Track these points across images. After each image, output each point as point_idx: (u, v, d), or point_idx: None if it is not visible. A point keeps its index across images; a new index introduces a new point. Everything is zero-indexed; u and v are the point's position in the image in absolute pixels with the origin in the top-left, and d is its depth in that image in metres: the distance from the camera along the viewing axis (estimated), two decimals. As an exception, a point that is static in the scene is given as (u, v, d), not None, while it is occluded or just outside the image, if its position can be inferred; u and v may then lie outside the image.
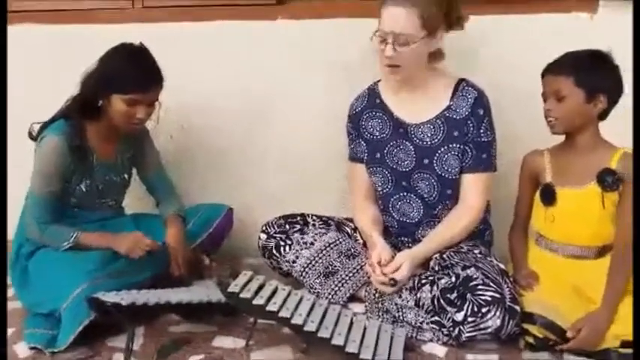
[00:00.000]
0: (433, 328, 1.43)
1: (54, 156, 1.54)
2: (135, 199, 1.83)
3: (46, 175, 1.55)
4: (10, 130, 1.60)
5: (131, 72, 1.51)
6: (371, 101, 1.63)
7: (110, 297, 1.41)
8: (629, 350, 1.33)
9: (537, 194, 1.51)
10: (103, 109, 1.56)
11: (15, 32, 1.82)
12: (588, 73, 1.39)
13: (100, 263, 1.52)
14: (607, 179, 1.42)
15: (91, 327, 1.41)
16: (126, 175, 1.71)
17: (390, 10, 1.44)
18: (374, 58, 1.53)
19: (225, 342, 1.45)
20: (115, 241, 1.55)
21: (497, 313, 1.35)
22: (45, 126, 1.58)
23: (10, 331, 1.49)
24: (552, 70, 1.43)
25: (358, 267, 1.58)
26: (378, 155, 1.62)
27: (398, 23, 1.43)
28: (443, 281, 1.44)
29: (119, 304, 1.40)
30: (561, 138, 1.50)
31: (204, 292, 1.52)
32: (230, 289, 1.38)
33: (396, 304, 1.48)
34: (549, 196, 1.47)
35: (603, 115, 1.45)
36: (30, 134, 1.60)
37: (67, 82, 1.57)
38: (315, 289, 1.59)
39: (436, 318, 1.42)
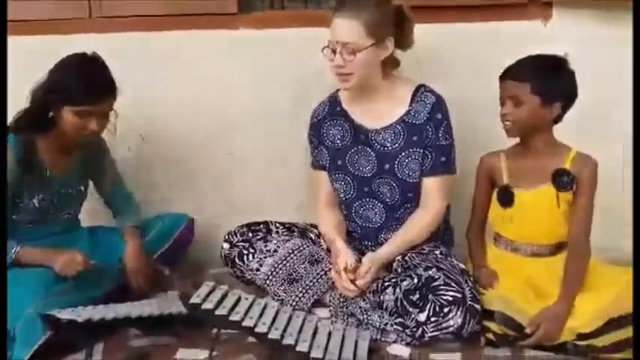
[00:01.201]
0: (397, 329, 1.44)
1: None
2: (92, 211, 1.78)
3: None
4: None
5: (81, 83, 1.48)
6: (332, 109, 1.65)
7: (66, 314, 1.38)
8: (584, 342, 1.37)
9: (495, 196, 1.54)
10: (54, 121, 1.52)
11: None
12: (545, 80, 1.43)
13: (55, 279, 1.47)
14: (561, 180, 1.47)
15: (47, 345, 1.36)
16: (82, 187, 1.67)
17: (337, 21, 1.49)
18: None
19: (188, 354, 1.42)
20: (52, 258, 1.50)
21: (459, 313, 1.38)
22: None
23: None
24: (510, 75, 1.47)
25: (322, 272, 1.58)
26: (340, 162, 1.63)
27: (344, 33, 1.48)
28: (405, 283, 1.45)
29: (75, 320, 1.36)
30: (517, 140, 1.54)
31: (164, 304, 1.50)
32: (192, 301, 1.36)
33: (360, 308, 1.48)
34: (507, 198, 1.51)
35: (558, 119, 1.49)
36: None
37: (21, 94, 1.52)
38: (280, 296, 1.58)
39: (400, 319, 1.43)
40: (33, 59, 1.80)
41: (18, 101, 1.54)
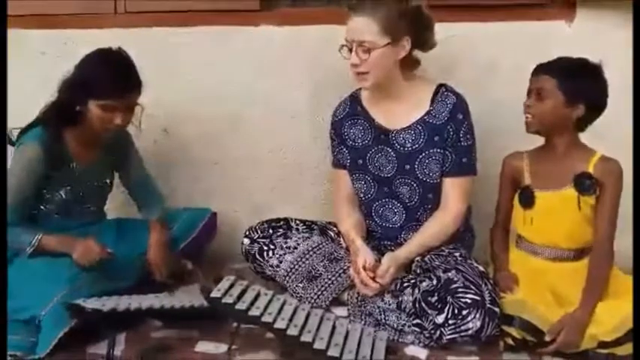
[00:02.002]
0: (414, 330, 1.44)
1: (29, 163, 1.53)
2: (120, 204, 1.82)
3: (19, 180, 1.53)
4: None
5: (106, 77, 1.50)
6: (352, 108, 1.65)
7: (91, 303, 1.41)
8: (606, 350, 1.36)
9: (516, 197, 1.53)
10: (81, 114, 1.55)
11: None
12: (573, 79, 1.42)
13: (80, 269, 1.50)
14: (584, 183, 1.45)
15: (71, 334, 1.40)
16: (107, 180, 1.70)
17: (352, 20, 1.49)
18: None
19: (207, 347, 1.45)
20: (71, 247, 1.52)
21: (477, 316, 1.37)
22: (22, 132, 1.57)
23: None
24: (541, 70, 1.46)
25: (341, 271, 1.59)
26: (360, 162, 1.64)
27: (359, 31, 1.48)
28: (424, 284, 1.46)
29: (100, 310, 1.39)
30: (540, 140, 1.52)
31: (186, 297, 1.52)
32: (212, 294, 1.38)
33: (378, 307, 1.49)
34: (528, 199, 1.50)
35: (582, 126, 1.47)
36: (9, 139, 1.59)
37: (47, 87, 1.55)
38: (299, 293, 1.59)
39: (417, 321, 1.44)
40: (58, 53, 1.85)
41: (41, 94, 1.56)
